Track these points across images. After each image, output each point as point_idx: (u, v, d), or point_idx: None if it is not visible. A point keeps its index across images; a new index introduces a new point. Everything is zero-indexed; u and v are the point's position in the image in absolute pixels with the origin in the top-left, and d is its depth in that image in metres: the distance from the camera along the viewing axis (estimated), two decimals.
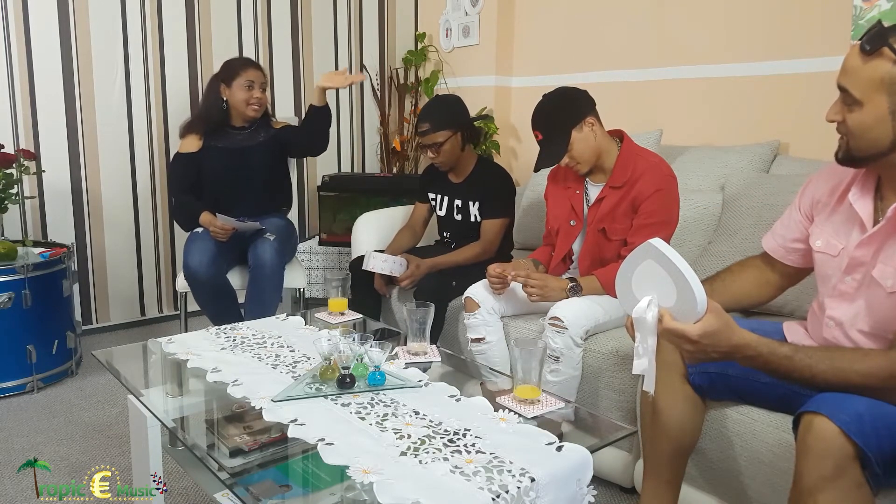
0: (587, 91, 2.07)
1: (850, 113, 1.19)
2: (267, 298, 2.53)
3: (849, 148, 1.23)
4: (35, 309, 2.54)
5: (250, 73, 2.65)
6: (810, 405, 1.12)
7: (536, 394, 1.37)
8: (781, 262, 1.52)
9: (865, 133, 1.18)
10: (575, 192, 2.13)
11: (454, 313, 2.36)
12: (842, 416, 1.07)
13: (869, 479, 1.07)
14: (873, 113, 1.16)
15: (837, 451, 1.06)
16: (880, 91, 1.14)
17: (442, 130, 2.45)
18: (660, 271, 1.15)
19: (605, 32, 3.15)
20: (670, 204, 1.98)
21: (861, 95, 1.16)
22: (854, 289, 1.28)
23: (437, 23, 3.91)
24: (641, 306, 1.17)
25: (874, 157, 1.20)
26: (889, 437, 1.07)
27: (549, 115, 2.04)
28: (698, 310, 1.13)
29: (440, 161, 2.51)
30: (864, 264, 1.26)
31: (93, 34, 3.06)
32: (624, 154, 2.03)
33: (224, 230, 2.55)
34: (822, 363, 1.17)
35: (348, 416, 1.29)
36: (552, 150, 2.02)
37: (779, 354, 1.19)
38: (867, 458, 1.05)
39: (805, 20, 2.47)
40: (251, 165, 2.69)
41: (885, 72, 1.13)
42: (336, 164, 3.97)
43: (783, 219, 1.51)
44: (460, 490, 1.04)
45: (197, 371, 1.56)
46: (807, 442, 1.09)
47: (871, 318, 1.24)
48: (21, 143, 2.94)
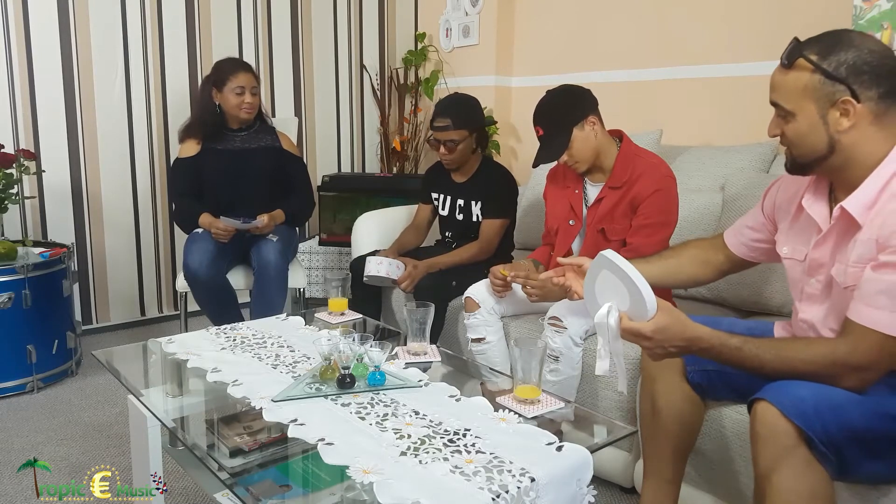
0: (590, 90, 2.07)
1: (786, 125, 1.27)
2: (273, 299, 2.53)
3: (793, 157, 1.30)
4: (35, 309, 2.54)
5: (240, 79, 2.63)
6: (759, 392, 1.19)
7: (536, 394, 1.37)
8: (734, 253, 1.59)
9: (803, 141, 1.26)
10: (574, 191, 2.13)
11: (454, 313, 2.36)
12: (783, 401, 1.14)
13: (819, 459, 1.13)
14: (806, 121, 1.24)
15: (781, 433, 1.13)
16: (806, 99, 1.22)
17: (461, 129, 2.44)
18: (614, 279, 1.27)
19: (605, 32, 3.15)
20: (669, 204, 1.98)
21: (792, 107, 1.24)
22: (819, 290, 1.33)
23: (437, 23, 3.91)
24: (602, 312, 1.28)
25: (817, 162, 1.27)
26: (835, 419, 1.12)
27: (551, 112, 2.04)
28: (648, 309, 1.23)
29: (451, 159, 2.50)
30: (824, 265, 1.31)
31: (93, 34, 3.06)
32: (623, 154, 2.03)
33: (226, 231, 2.55)
34: (768, 353, 1.24)
35: (348, 416, 1.29)
36: (552, 146, 2.02)
37: (729, 346, 1.25)
38: (811, 439, 1.11)
39: (805, 20, 2.47)
40: (251, 167, 2.69)
41: (807, 80, 1.21)
42: (336, 164, 3.97)
43: (746, 218, 1.57)
44: (460, 490, 1.04)
45: (197, 371, 1.56)
46: (755, 427, 1.17)
47: (839, 317, 1.27)
48: (21, 143, 2.94)
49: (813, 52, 1.21)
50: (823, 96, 1.21)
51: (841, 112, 1.20)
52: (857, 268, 1.21)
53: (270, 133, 2.79)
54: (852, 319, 1.19)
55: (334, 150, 3.96)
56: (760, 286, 2.13)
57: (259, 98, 2.72)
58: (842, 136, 1.22)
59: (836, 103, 1.20)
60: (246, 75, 2.65)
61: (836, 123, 1.21)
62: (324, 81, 3.83)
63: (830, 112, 1.21)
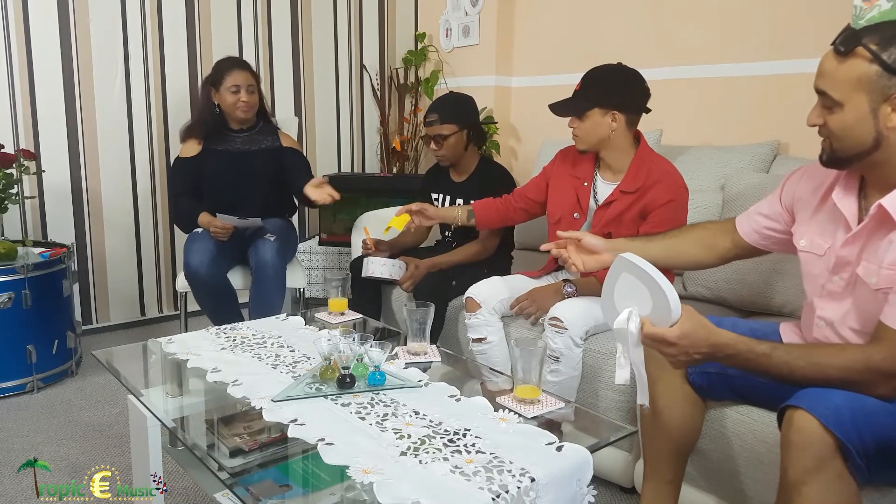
0: (649, 94, 2.02)
1: (830, 115, 1.21)
2: (271, 299, 2.53)
3: (833, 150, 1.25)
4: (35, 309, 2.54)
5: (235, 77, 2.62)
6: (792, 399, 1.14)
7: (536, 394, 1.37)
8: (743, 239, 1.54)
9: (848, 133, 1.20)
10: (583, 183, 2.10)
11: (454, 313, 2.36)
12: (821, 409, 1.09)
13: (852, 471, 1.09)
14: (854, 113, 1.18)
15: (818, 443, 1.08)
16: (859, 90, 1.17)
17: (448, 124, 2.46)
18: (635, 282, 1.20)
19: (605, 32, 3.15)
20: (680, 215, 1.96)
21: (840, 97, 1.18)
22: (842, 288, 1.29)
23: (437, 23, 3.91)
24: (622, 318, 1.21)
25: (858, 157, 1.22)
26: (869, 429, 1.09)
27: (597, 82, 2.00)
28: (672, 313, 1.16)
29: (441, 154, 2.52)
30: (850, 263, 1.27)
31: (93, 34, 3.06)
32: (639, 158, 2.01)
33: (224, 229, 2.55)
34: (799, 360, 1.19)
35: (348, 416, 1.29)
36: (572, 104, 2.00)
37: (757, 352, 1.20)
38: (848, 451, 1.07)
39: (805, 20, 2.47)
40: (251, 169, 2.69)
41: (862, 71, 1.15)
42: (336, 164, 3.97)
43: (761, 205, 1.53)
44: (460, 490, 1.04)
45: (197, 371, 1.56)
46: (788, 436, 1.12)
47: (861, 317, 1.25)
48: (21, 143, 2.94)
49: (873, 41, 1.15)
50: (878, 89, 1.15)
51: (893, 107, 1.15)
52: (893, 270, 1.16)
53: (272, 134, 2.79)
54: (888, 325, 1.15)
55: (334, 150, 3.96)
56: (761, 286, 2.13)
57: (258, 97, 2.71)
58: (890, 133, 1.17)
59: (890, 98, 1.15)
60: (241, 73, 2.64)
61: (886, 119, 1.16)
62: (324, 81, 3.83)
63: (882, 106, 1.16)
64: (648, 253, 1.55)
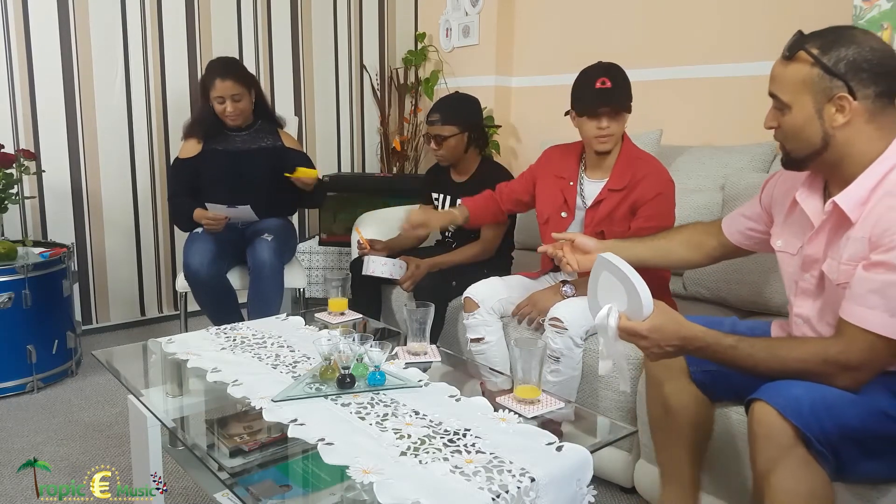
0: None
1: (782, 118, 1.28)
2: (269, 299, 2.53)
3: (787, 152, 1.31)
4: (35, 309, 2.54)
5: (219, 88, 2.58)
6: (755, 392, 1.19)
7: (536, 394, 1.37)
8: (728, 240, 1.60)
9: (798, 135, 1.26)
10: (569, 183, 2.11)
11: (454, 313, 2.36)
12: (779, 400, 1.14)
13: (816, 458, 1.13)
14: (801, 114, 1.24)
15: (779, 433, 1.13)
16: (804, 92, 1.23)
17: (449, 125, 2.47)
18: (614, 280, 1.30)
19: (605, 32, 3.15)
20: (669, 208, 1.99)
21: (789, 99, 1.25)
22: (814, 286, 1.33)
23: (437, 23, 3.91)
24: (602, 314, 1.31)
25: (811, 157, 1.27)
26: (830, 418, 1.13)
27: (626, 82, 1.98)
28: (644, 308, 1.25)
29: (440, 154, 2.53)
30: (818, 261, 1.31)
31: (93, 34, 3.06)
32: (624, 155, 2.02)
33: (216, 220, 2.55)
34: (762, 352, 1.25)
35: (348, 416, 1.29)
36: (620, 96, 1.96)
37: (723, 345, 1.26)
38: (808, 438, 1.11)
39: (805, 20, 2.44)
40: (251, 167, 2.69)
41: (805, 74, 1.22)
42: (336, 164, 3.97)
43: (744, 207, 1.59)
44: (460, 490, 1.04)
45: (197, 371, 1.56)
46: (752, 427, 1.18)
47: (834, 313, 1.28)
48: (21, 143, 2.94)
49: (814, 45, 1.21)
50: (821, 91, 1.21)
51: (837, 108, 1.21)
52: (850, 266, 1.21)
53: (272, 133, 2.79)
54: (844, 319, 1.19)
55: (334, 150, 3.96)
56: (760, 286, 2.13)
57: (249, 100, 2.68)
58: (836, 132, 1.22)
59: (833, 99, 1.20)
60: (225, 83, 2.58)
61: (831, 119, 1.22)
62: (324, 81, 3.83)
63: (826, 107, 1.21)
64: (638, 253, 1.64)
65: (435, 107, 2.53)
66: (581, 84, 2.01)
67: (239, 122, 2.69)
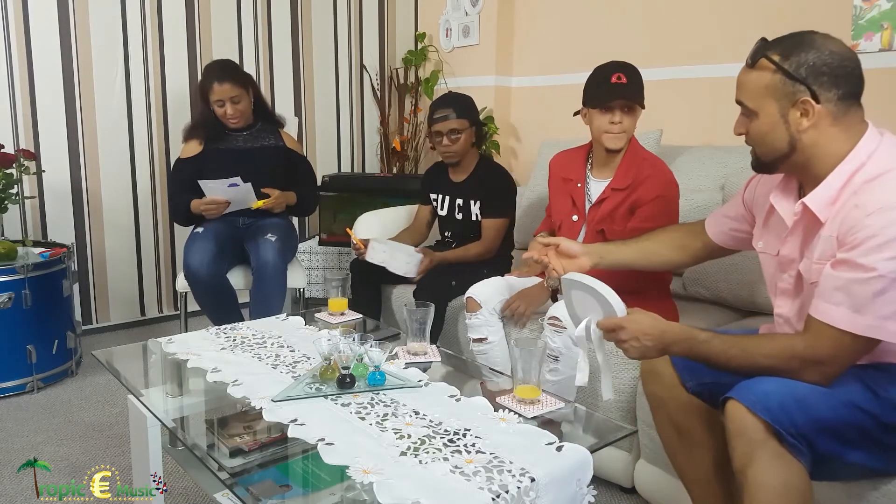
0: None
1: (750, 124, 1.31)
2: (271, 299, 2.53)
3: (756, 156, 1.34)
4: (35, 309, 2.54)
5: (217, 92, 2.59)
6: (728, 391, 1.21)
7: (536, 394, 1.37)
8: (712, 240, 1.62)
9: (765, 139, 1.29)
10: (576, 185, 2.11)
11: (454, 313, 2.36)
12: (749, 397, 1.17)
13: (790, 450, 1.14)
14: (767, 120, 1.27)
15: (750, 428, 1.15)
16: (768, 98, 1.26)
17: (462, 119, 2.47)
18: (584, 296, 1.35)
19: (605, 32, 3.15)
20: (668, 211, 1.96)
21: (754, 105, 1.28)
22: (791, 285, 1.35)
23: (437, 23, 3.91)
24: (581, 328, 1.36)
25: (779, 161, 1.30)
26: (801, 411, 1.15)
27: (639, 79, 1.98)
28: (617, 310, 1.31)
29: (454, 150, 2.49)
30: (794, 261, 1.33)
31: (93, 34, 3.06)
32: (629, 155, 2.01)
33: (215, 204, 2.55)
34: (733, 348, 1.26)
35: (348, 416, 1.29)
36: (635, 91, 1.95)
37: (698, 340, 1.28)
38: (779, 432, 1.13)
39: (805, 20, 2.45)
40: (253, 166, 2.68)
41: (768, 80, 1.25)
42: (336, 164, 3.97)
43: (727, 207, 1.61)
44: (460, 490, 1.04)
45: (197, 371, 1.56)
46: (727, 425, 1.20)
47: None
48: (21, 143, 2.94)
49: (775, 52, 1.24)
50: (784, 96, 1.23)
51: (801, 112, 1.23)
52: (821, 264, 1.23)
53: (273, 132, 2.79)
54: (811, 315, 1.22)
55: (334, 150, 3.96)
56: (760, 286, 2.13)
57: (248, 101, 2.69)
58: (802, 136, 1.24)
59: (797, 103, 1.23)
60: (223, 87, 2.59)
61: (796, 123, 1.24)
62: (324, 81, 3.83)
63: (791, 111, 1.24)
64: (623, 255, 1.68)
65: (440, 104, 2.51)
66: (596, 78, 2.01)
67: (240, 124, 2.70)
